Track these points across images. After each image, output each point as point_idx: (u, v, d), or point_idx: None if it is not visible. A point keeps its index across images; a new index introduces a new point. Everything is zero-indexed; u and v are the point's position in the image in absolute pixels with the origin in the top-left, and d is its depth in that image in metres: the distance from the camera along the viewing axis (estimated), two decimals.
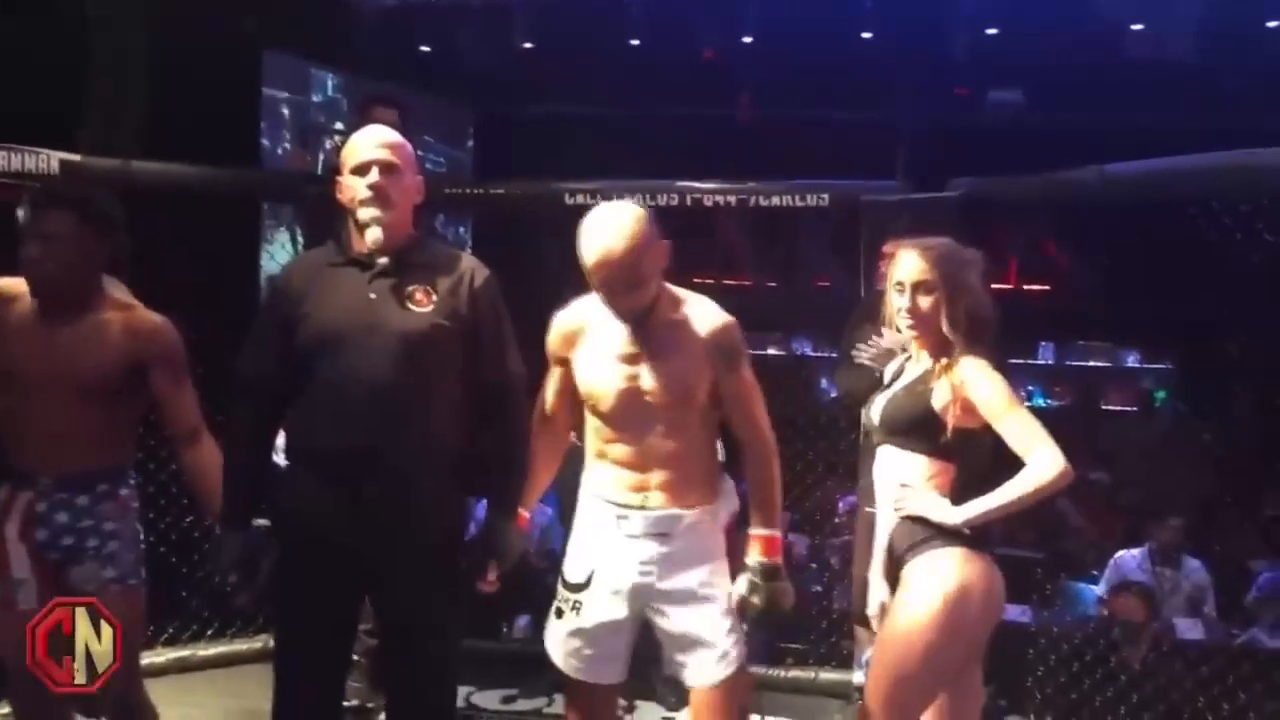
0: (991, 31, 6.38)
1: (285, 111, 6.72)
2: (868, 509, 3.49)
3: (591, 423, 2.42)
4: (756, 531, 2.35)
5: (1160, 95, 6.14)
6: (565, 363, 2.47)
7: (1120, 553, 4.76)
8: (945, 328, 2.33)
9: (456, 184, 5.78)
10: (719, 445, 2.48)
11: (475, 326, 2.39)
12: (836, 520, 4.71)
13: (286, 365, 2.36)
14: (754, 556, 2.34)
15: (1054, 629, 3.87)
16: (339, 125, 6.70)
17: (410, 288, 2.36)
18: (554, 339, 2.49)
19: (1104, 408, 8.47)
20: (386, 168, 2.36)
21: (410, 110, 4.19)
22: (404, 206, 2.40)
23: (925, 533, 2.30)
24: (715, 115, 7.33)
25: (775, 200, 4.03)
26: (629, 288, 2.30)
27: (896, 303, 2.38)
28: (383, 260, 2.37)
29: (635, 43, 6.82)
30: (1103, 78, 6.32)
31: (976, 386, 2.28)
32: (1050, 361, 8.85)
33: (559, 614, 2.45)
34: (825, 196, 3.97)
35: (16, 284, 2.50)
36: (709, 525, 2.40)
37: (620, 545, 2.37)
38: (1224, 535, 5.52)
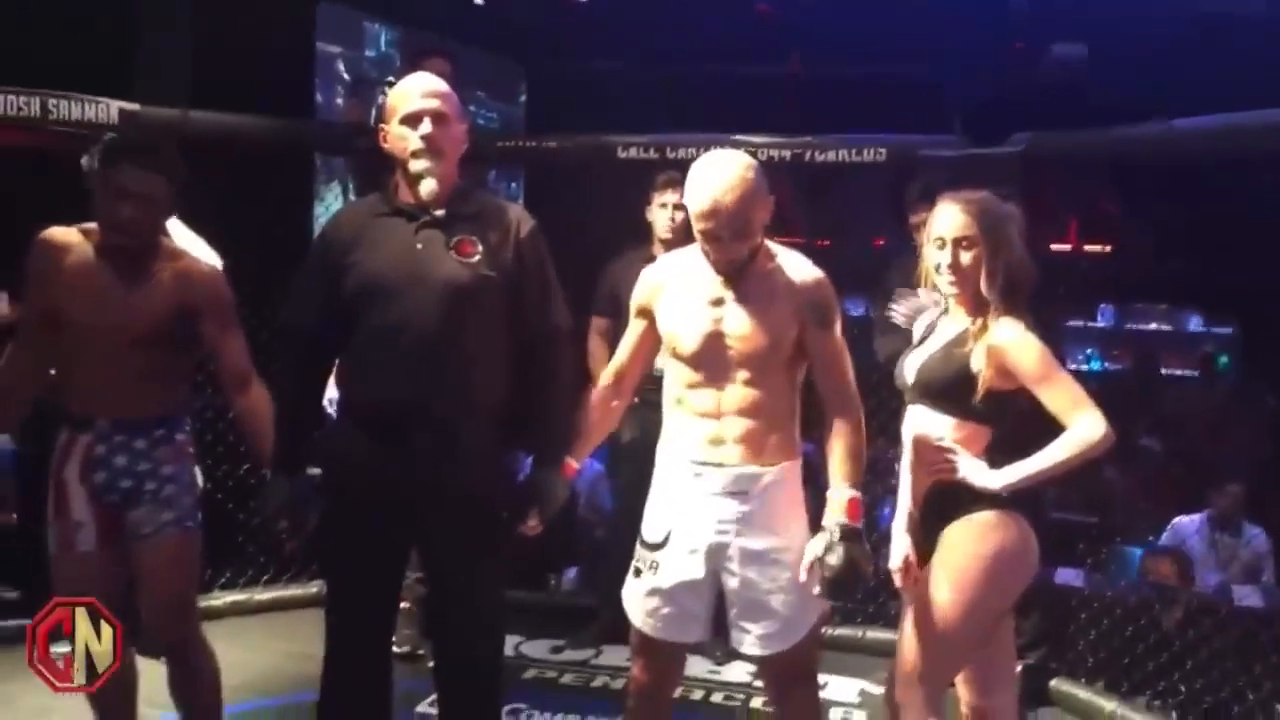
0: None
1: (339, 66, 6.71)
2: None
3: (672, 369, 2.40)
4: (837, 492, 2.29)
5: (1229, 49, 5.93)
6: (648, 314, 2.45)
7: (1179, 518, 4.68)
8: (984, 284, 2.27)
9: (509, 138, 5.78)
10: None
11: (521, 277, 2.38)
12: (891, 481, 4.67)
13: (333, 315, 2.37)
14: (833, 517, 2.26)
15: (1108, 593, 3.82)
16: (391, 79, 6.69)
17: (456, 238, 2.35)
18: (640, 289, 2.47)
19: (1164, 372, 8.30)
20: (438, 118, 2.35)
21: (462, 64, 4.17)
22: (453, 156, 2.39)
23: (962, 496, 2.27)
24: (770, 69, 7.22)
25: (831, 155, 3.98)
26: (734, 238, 2.27)
27: (935, 258, 2.32)
28: (438, 212, 2.36)
29: None
30: (1169, 31, 6.12)
31: (1014, 351, 2.23)
32: (1109, 324, 8.68)
33: (637, 573, 2.43)
34: (883, 151, 3.91)
35: (71, 233, 2.54)
36: (789, 485, 2.36)
37: (698, 504, 2.34)
38: None
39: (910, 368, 2.38)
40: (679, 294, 2.38)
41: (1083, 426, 2.19)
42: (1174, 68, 5.77)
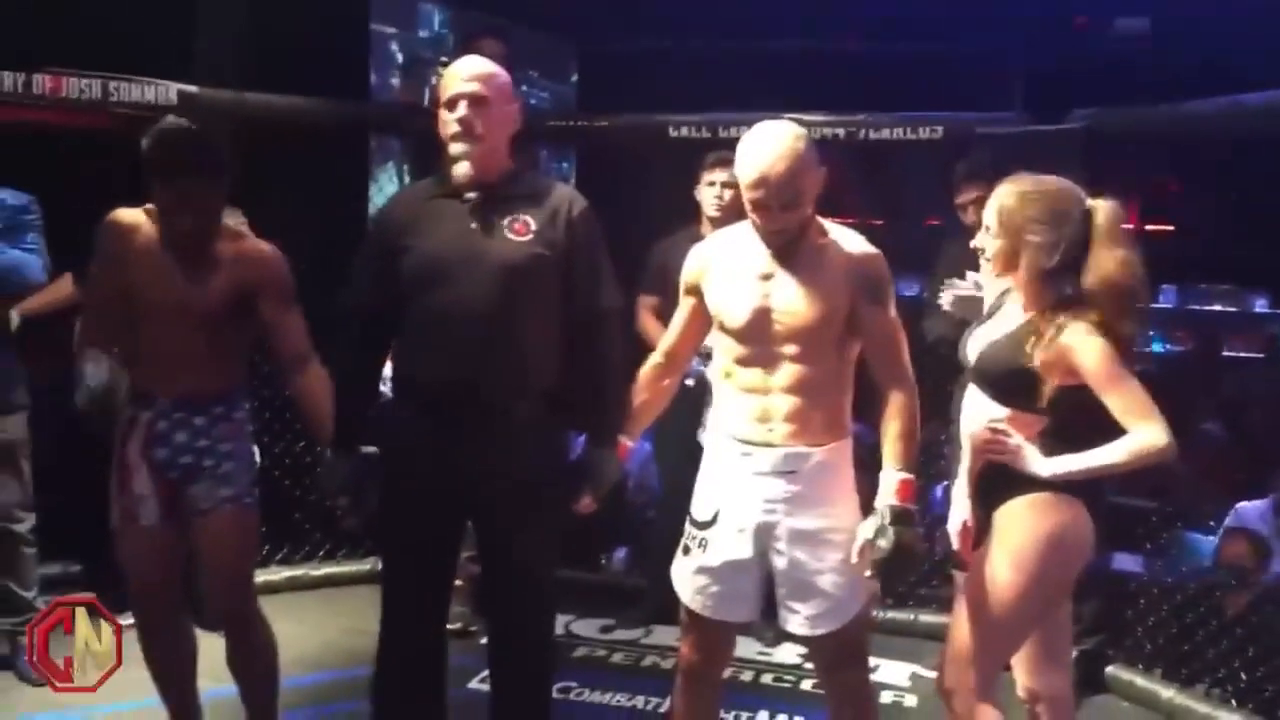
0: None
1: (393, 47, 6.75)
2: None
3: (721, 344, 2.39)
4: (889, 474, 2.26)
5: None
6: (697, 292, 2.43)
7: (1241, 504, 4.58)
8: (1021, 279, 2.23)
9: (560, 117, 5.78)
10: None
11: (571, 256, 2.40)
12: (941, 463, 4.62)
13: (391, 295, 2.40)
14: (885, 499, 2.24)
15: (1167, 580, 3.75)
16: (445, 59, 6.71)
17: (509, 218, 2.38)
18: (689, 267, 2.46)
19: (1227, 354, 8.11)
20: (475, 100, 2.37)
21: (514, 44, 4.18)
22: (496, 138, 2.40)
23: (1016, 477, 2.22)
24: (824, 46, 7.14)
25: (886, 133, 3.93)
26: (783, 208, 2.25)
27: (979, 240, 2.31)
28: (476, 193, 2.38)
29: None
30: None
31: (1078, 351, 2.15)
32: (1171, 305, 8.49)
33: (685, 551, 2.43)
34: (939, 129, 3.85)
35: (137, 214, 2.58)
36: (838, 465, 2.33)
37: (746, 483, 2.33)
38: None
39: (973, 348, 2.34)
40: (728, 269, 2.37)
41: (1142, 435, 2.12)
42: (1242, 40, 5.60)
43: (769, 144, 2.25)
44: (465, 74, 2.40)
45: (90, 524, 2.82)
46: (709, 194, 3.70)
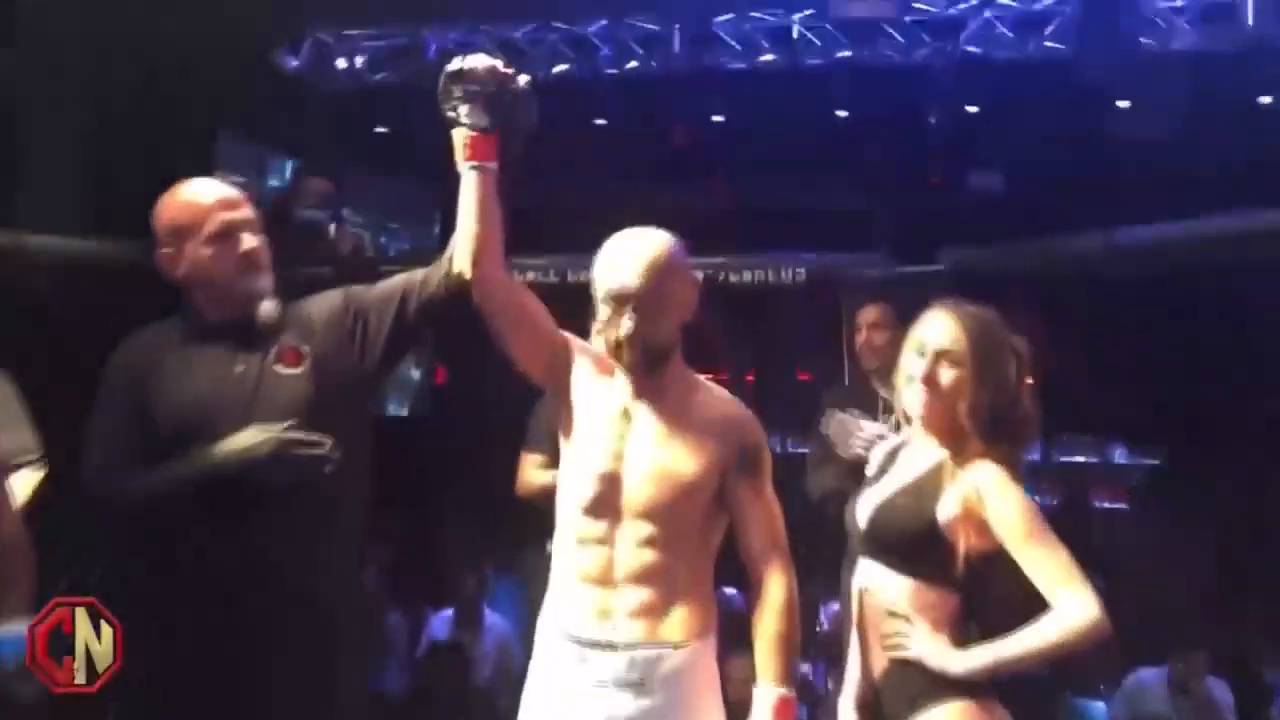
0: (971, 109, 6.19)
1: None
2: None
3: (561, 518, 2.00)
4: (766, 692, 1.88)
5: (1152, 172, 5.96)
6: (565, 385, 2.03)
7: (1140, 671, 4.40)
8: (963, 413, 1.88)
9: (403, 262, 5.53)
10: None
11: (364, 326, 2.10)
12: (818, 632, 4.30)
13: (149, 460, 1.99)
14: None
15: None
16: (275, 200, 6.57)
17: (276, 349, 2.04)
18: (577, 355, 2.06)
19: (1094, 504, 8.14)
20: (251, 226, 2.06)
21: (371, 192, 4.01)
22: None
23: (923, 681, 1.84)
24: (687, 195, 7.15)
25: (748, 276, 3.73)
26: (653, 314, 1.90)
27: (911, 367, 1.93)
28: (260, 323, 2.05)
29: (601, 122, 6.66)
30: (1089, 154, 6.16)
31: (994, 501, 1.83)
32: (1037, 456, 8.52)
33: None
34: (802, 271, 3.67)
35: None
36: (700, 669, 1.93)
37: (583, 697, 1.89)
38: (1238, 642, 5.11)
39: (863, 511, 1.97)
40: (588, 395, 2.00)
41: (1072, 608, 1.78)
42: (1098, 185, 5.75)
43: (636, 243, 1.95)
44: (223, 199, 2.08)
45: None
46: None
